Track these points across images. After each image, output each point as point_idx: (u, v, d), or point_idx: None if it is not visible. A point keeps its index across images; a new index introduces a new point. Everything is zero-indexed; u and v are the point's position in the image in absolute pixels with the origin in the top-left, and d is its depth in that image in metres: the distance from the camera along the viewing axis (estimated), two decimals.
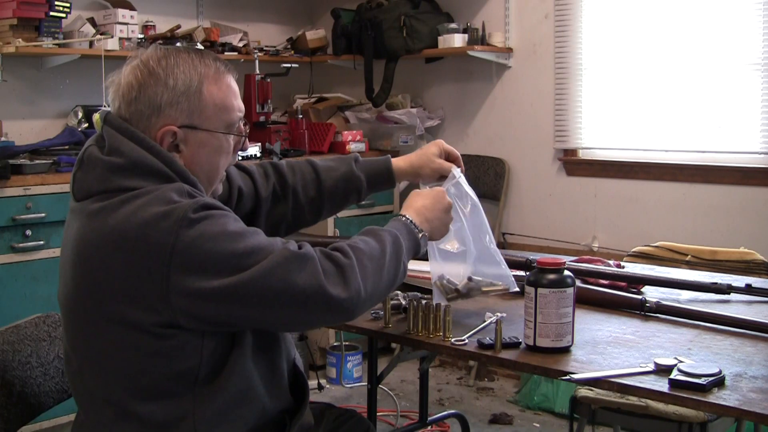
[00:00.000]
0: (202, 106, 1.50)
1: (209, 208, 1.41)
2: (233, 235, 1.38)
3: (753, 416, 1.35)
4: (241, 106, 1.58)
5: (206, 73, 1.52)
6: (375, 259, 1.48)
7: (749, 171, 3.56)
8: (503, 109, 4.34)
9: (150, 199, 1.39)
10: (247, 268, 1.37)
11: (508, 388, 3.97)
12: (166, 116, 1.48)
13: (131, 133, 1.47)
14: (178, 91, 1.48)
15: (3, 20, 3.43)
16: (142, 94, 1.48)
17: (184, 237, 1.35)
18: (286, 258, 1.39)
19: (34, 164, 3.36)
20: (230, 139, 1.56)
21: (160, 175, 1.45)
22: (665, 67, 3.78)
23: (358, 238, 1.53)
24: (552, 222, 4.16)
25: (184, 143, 1.50)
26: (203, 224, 1.37)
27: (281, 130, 4.29)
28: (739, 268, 2.58)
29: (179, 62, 1.51)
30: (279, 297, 1.38)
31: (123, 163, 1.44)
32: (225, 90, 1.54)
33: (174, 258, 1.35)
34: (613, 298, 1.94)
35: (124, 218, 1.38)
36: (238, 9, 4.68)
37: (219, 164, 1.56)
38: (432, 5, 4.46)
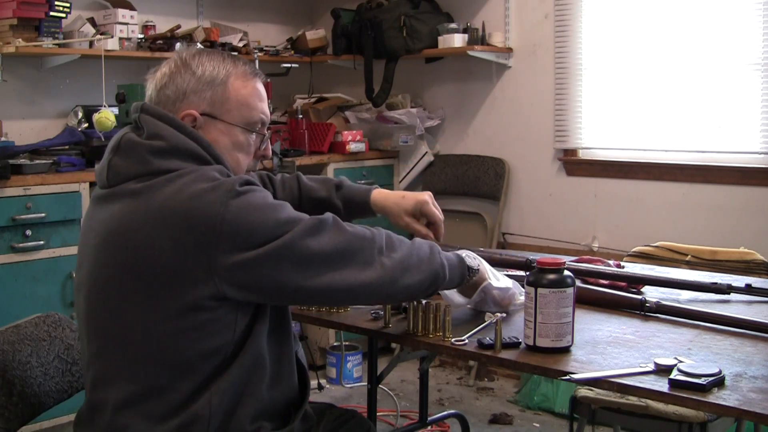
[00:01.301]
0: (224, 98, 1.56)
1: (252, 183, 1.48)
2: (275, 206, 1.46)
3: (753, 416, 1.35)
4: (265, 111, 1.63)
5: (234, 70, 1.58)
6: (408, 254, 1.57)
7: (749, 171, 3.56)
8: (503, 109, 4.34)
9: (195, 177, 1.45)
10: (287, 233, 1.44)
11: (508, 388, 3.97)
12: (189, 102, 1.55)
13: (170, 119, 1.53)
14: (203, 80, 1.56)
15: (3, 20, 3.43)
16: (172, 81, 1.57)
17: (232, 207, 1.41)
18: (315, 221, 1.48)
19: (34, 164, 3.36)
20: (250, 137, 1.60)
21: (199, 158, 1.51)
22: (665, 67, 3.78)
23: (402, 242, 1.60)
24: (552, 222, 4.16)
25: (203, 130, 1.56)
26: (249, 196, 1.44)
27: (281, 130, 4.29)
28: (739, 268, 2.58)
29: (212, 58, 1.59)
30: (315, 256, 1.46)
31: (164, 145, 1.49)
32: (250, 89, 1.59)
33: (224, 226, 1.40)
34: (613, 298, 1.94)
35: (171, 194, 1.43)
36: (238, 9, 4.68)
37: (239, 159, 1.59)
38: (432, 5, 4.46)
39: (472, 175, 4.41)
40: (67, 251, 3.31)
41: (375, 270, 1.51)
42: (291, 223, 1.45)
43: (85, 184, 3.39)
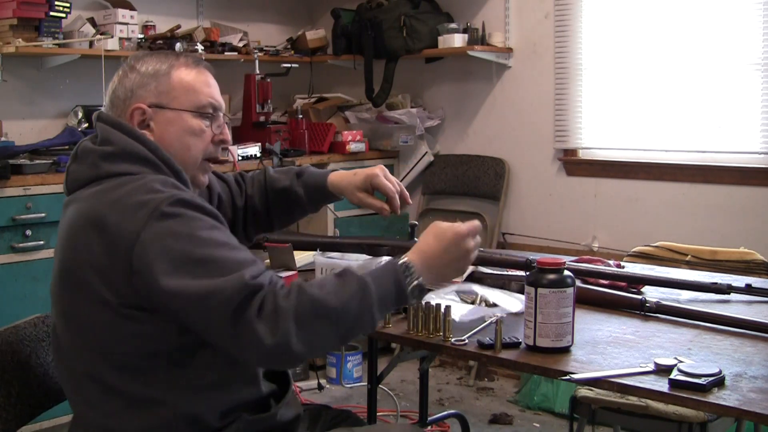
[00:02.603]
0: (170, 87, 1.59)
1: (186, 205, 1.45)
2: (196, 240, 1.41)
3: (753, 416, 1.35)
4: (214, 95, 1.63)
5: (176, 62, 1.62)
6: (324, 310, 1.41)
7: (749, 171, 3.56)
8: (503, 109, 4.34)
9: (135, 186, 1.46)
10: (196, 276, 1.39)
11: (508, 388, 3.97)
12: (137, 97, 1.58)
13: (120, 125, 1.56)
14: (147, 75, 1.59)
15: (3, 20, 3.43)
16: (120, 84, 1.61)
17: (150, 228, 1.40)
18: (234, 288, 1.38)
19: (34, 164, 3.36)
20: (201, 122, 1.60)
21: (147, 161, 1.53)
22: (665, 67, 3.78)
23: (325, 281, 1.46)
24: (552, 222, 4.16)
25: (153, 121, 1.58)
26: (173, 220, 1.41)
27: (281, 130, 4.29)
28: (739, 268, 2.58)
29: (155, 55, 1.64)
30: (214, 323, 1.40)
31: (113, 150, 1.53)
32: (194, 75, 1.61)
33: (137, 247, 1.40)
34: (613, 298, 1.94)
35: (110, 203, 1.46)
36: (238, 9, 4.68)
37: (190, 145, 1.60)
38: (432, 5, 4.46)
39: (472, 175, 4.41)
40: None
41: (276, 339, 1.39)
42: (207, 266, 1.39)
43: None
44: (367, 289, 1.45)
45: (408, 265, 1.52)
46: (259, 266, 1.43)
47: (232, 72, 4.40)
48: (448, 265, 1.59)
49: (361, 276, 1.46)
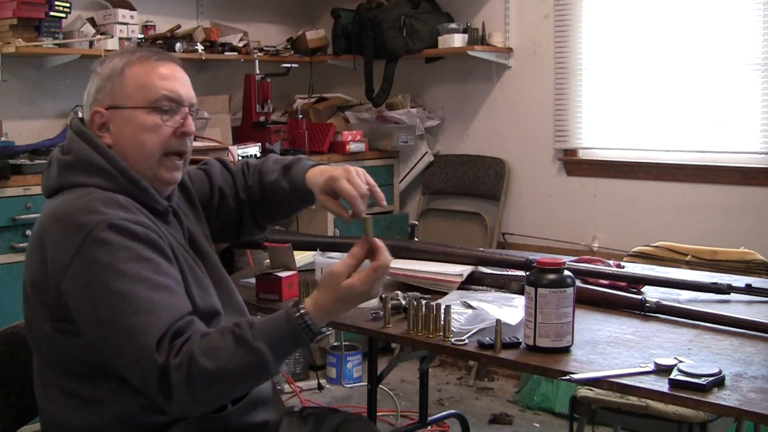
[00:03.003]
0: (123, 86, 1.58)
1: (118, 230, 1.44)
2: (116, 272, 1.42)
3: (753, 416, 1.35)
4: (170, 87, 1.59)
5: (131, 59, 1.60)
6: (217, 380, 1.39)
7: (749, 171, 3.56)
8: (503, 109, 4.34)
9: (80, 205, 1.48)
10: (107, 312, 1.41)
11: (508, 388, 3.97)
12: (97, 101, 1.60)
13: (83, 134, 1.58)
14: (104, 77, 1.60)
15: (3, 20, 3.42)
16: (87, 91, 1.63)
17: (78, 258, 1.43)
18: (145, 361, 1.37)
19: (34, 164, 3.35)
20: (156, 117, 1.57)
21: (102, 171, 1.54)
22: (665, 67, 3.77)
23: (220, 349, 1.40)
24: (552, 222, 4.16)
25: (111, 123, 1.58)
26: (100, 247, 1.43)
27: (281, 130, 4.28)
28: (739, 268, 2.58)
29: (114, 56, 1.63)
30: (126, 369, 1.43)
31: (72, 160, 1.56)
32: (147, 70, 1.59)
33: (65, 277, 1.44)
34: (613, 298, 1.95)
35: (56, 219, 1.49)
36: (238, 9, 4.68)
37: (145, 141, 1.57)
38: (432, 5, 4.46)
39: (472, 175, 4.41)
40: None
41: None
42: (119, 302, 1.40)
43: None
44: (264, 360, 1.41)
45: (305, 317, 1.45)
46: (168, 314, 1.41)
47: (232, 72, 4.40)
48: (345, 309, 1.51)
49: (255, 346, 1.40)
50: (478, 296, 1.96)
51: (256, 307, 2.08)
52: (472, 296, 1.96)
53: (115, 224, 1.44)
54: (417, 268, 2.13)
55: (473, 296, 1.96)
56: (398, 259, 2.21)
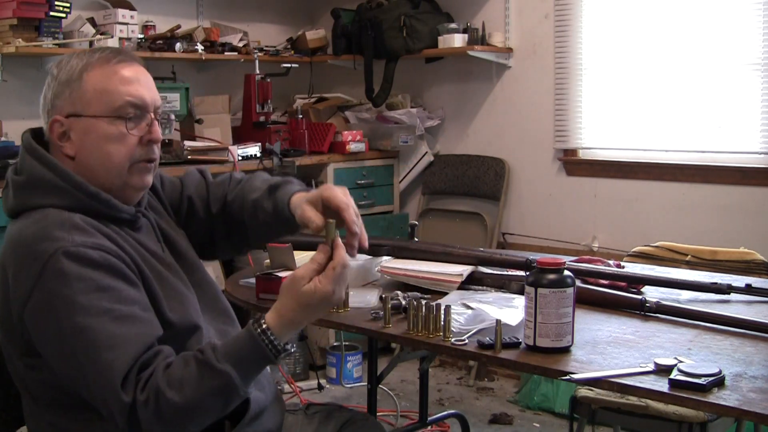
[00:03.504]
0: (82, 92, 1.49)
1: (75, 258, 1.38)
2: (75, 307, 1.36)
3: (753, 416, 1.35)
4: (134, 92, 1.50)
5: (90, 61, 1.51)
6: (188, 411, 1.35)
7: (749, 171, 3.56)
8: (503, 109, 4.34)
9: (35, 231, 1.41)
10: (67, 348, 1.36)
11: (508, 388, 3.97)
12: (56, 109, 1.51)
13: (33, 150, 1.51)
14: (62, 82, 1.50)
15: (3, 20, 3.42)
16: (43, 95, 1.54)
17: (36, 292, 1.37)
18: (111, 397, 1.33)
19: None
20: (120, 126, 1.49)
21: (57, 190, 1.47)
22: (665, 67, 3.77)
23: (184, 378, 1.36)
24: (552, 222, 4.16)
25: (72, 132, 1.50)
26: (58, 280, 1.37)
27: (281, 130, 4.28)
28: (739, 268, 2.58)
29: (72, 58, 1.52)
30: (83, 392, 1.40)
31: (24, 180, 1.50)
32: (108, 75, 1.49)
33: (25, 312, 1.39)
34: (613, 298, 1.95)
35: (13, 248, 1.44)
36: (238, 9, 4.68)
37: (110, 152, 1.49)
38: (432, 5, 4.46)
39: (472, 175, 4.41)
40: None
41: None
42: (75, 338, 1.35)
43: None
44: (231, 381, 1.36)
45: (267, 332, 1.39)
46: (132, 348, 1.36)
47: (232, 72, 4.40)
48: (311, 317, 1.44)
49: (221, 369, 1.35)
50: (478, 297, 1.96)
51: (255, 307, 2.08)
52: (472, 297, 1.96)
53: (70, 252, 1.37)
54: (417, 268, 2.13)
55: (473, 297, 1.96)
56: (398, 259, 2.21)
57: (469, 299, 1.93)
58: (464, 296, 1.97)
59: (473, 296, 1.97)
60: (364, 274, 2.21)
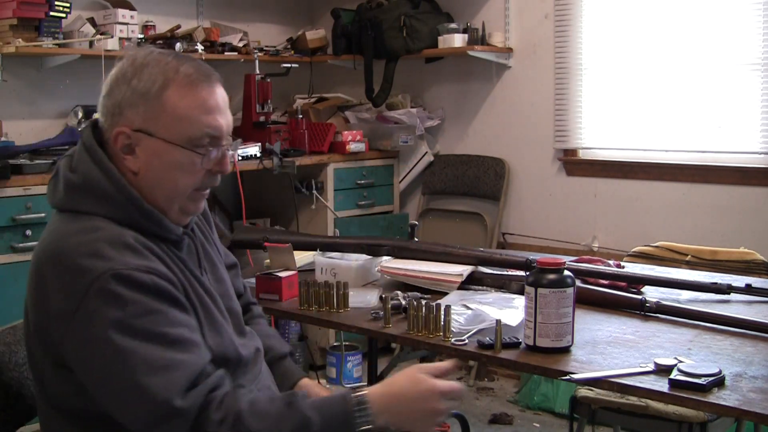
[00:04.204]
0: (159, 112, 1.40)
1: (126, 282, 1.31)
2: (127, 329, 1.30)
3: (753, 416, 1.35)
4: (214, 123, 1.43)
5: (174, 77, 1.41)
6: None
7: (749, 171, 3.56)
8: (503, 109, 4.34)
9: (85, 242, 1.35)
10: (117, 372, 1.29)
11: (508, 388, 3.97)
12: (124, 117, 1.42)
13: (93, 153, 1.43)
14: (138, 93, 1.41)
15: (3, 20, 3.42)
16: (111, 92, 1.44)
17: (86, 306, 1.31)
18: (153, 403, 1.28)
19: (34, 164, 3.36)
20: (193, 156, 1.42)
21: (111, 200, 1.40)
22: (665, 67, 3.77)
23: (268, 411, 1.33)
24: (552, 222, 4.16)
25: (139, 149, 1.42)
26: (107, 301, 1.30)
27: (281, 130, 4.28)
28: (739, 268, 2.58)
29: (152, 64, 1.42)
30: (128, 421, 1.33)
31: (78, 182, 1.42)
32: (190, 100, 1.41)
33: (71, 324, 1.32)
34: (613, 298, 1.95)
35: (57, 254, 1.36)
36: (238, 9, 4.68)
37: (177, 180, 1.43)
38: (432, 5, 4.46)
39: (472, 175, 4.41)
40: None
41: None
42: (124, 362, 1.29)
43: None
44: (310, 428, 1.32)
45: (363, 402, 1.35)
46: (191, 369, 1.32)
47: (232, 72, 4.40)
48: (411, 416, 1.39)
49: (305, 414, 1.33)
50: (478, 298, 1.96)
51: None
52: (472, 298, 1.96)
53: (121, 275, 1.31)
54: (417, 268, 2.13)
55: (473, 298, 1.96)
56: (398, 259, 2.21)
57: (469, 300, 1.93)
58: (464, 296, 1.97)
59: (473, 297, 1.97)
60: (364, 274, 2.21)
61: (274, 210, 4.39)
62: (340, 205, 4.30)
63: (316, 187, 4.22)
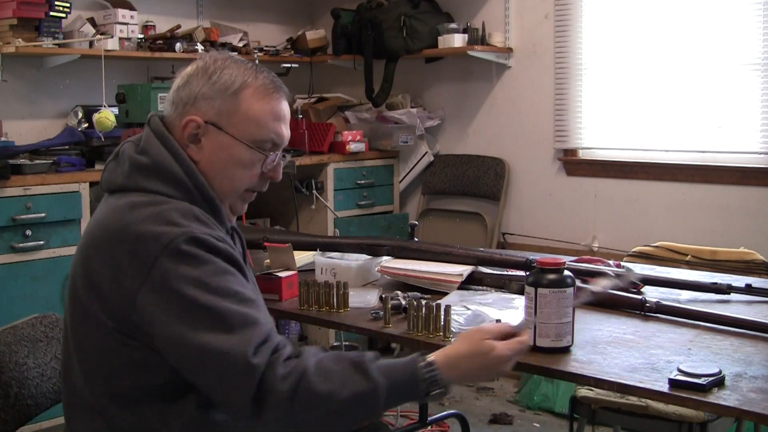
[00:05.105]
0: (233, 110, 1.50)
1: (199, 244, 1.38)
2: (204, 286, 1.35)
3: (753, 416, 1.35)
4: (279, 131, 1.53)
5: (252, 82, 1.51)
6: (323, 403, 1.33)
7: (749, 171, 3.56)
8: (503, 109, 4.34)
9: (154, 213, 1.40)
10: (197, 328, 1.33)
11: (508, 388, 3.97)
12: (198, 107, 1.50)
13: (164, 137, 1.50)
14: (216, 88, 1.50)
15: (3, 20, 3.42)
16: (188, 83, 1.52)
17: (160, 265, 1.35)
18: (239, 370, 1.31)
19: (34, 164, 3.36)
20: (254, 156, 1.52)
21: (178, 183, 1.47)
22: (665, 67, 3.77)
23: (333, 371, 1.35)
24: (552, 222, 4.16)
25: (205, 139, 1.50)
26: (183, 262, 1.36)
27: None
28: (739, 268, 2.58)
29: (233, 66, 1.52)
30: (215, 385, 1.35)
31: (148, 163, 1.47)
32: (264, 105, 1.51)
33: (143, 288, 1.36)
34: (613, 298, 1.94)
35: (127, 224, 1.40)
36: (238, 9, 4.68)
37: (235, 176, 1.52)
38: (432, 5, 4.46)
39: (472, 175, 4.41)
40: (67, 251, 3.30)
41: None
42: (210, 318, 1.34)
43: (85, 184, 3.39)
44: (377, 394, 1.35)
45: (431, 366, 1.39)
46: (263, 327, 1.36)
47: None
48: (476, 375, 1.49)
49: (372, 376, 1.35)
50: (478, 299, 1.96)
51: None
52: (472, 298, 1.96)
53: (195, 237, 1.38)
54: (417, 268, 2.13)
55: (473, 298, 1.96)
56: (398, 259, 2.21)
57: (469, 301, 1.92)
58: (464, 296, 1.97)
59: (473, 297, 1.97)
60: (364, 274, 2.20)
61: (274, 210, 4.39)
62: (340, 205, 4.30)
63: (316, 187, 4.22)
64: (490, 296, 1.99)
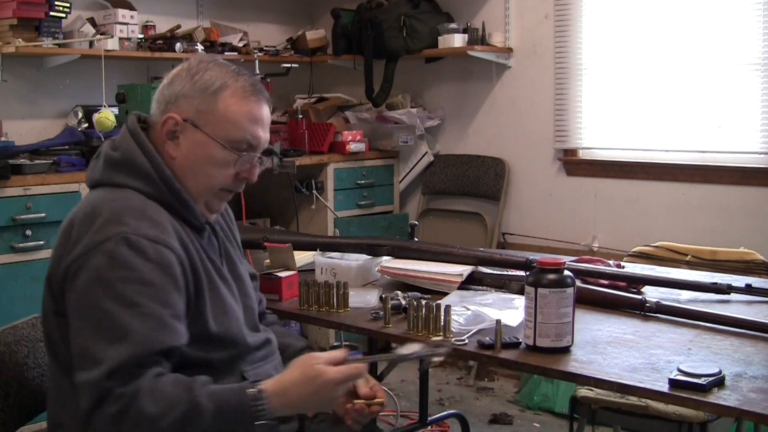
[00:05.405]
0: (211, 109, 1.53)
1: (130, 245, 1.41)
2: (111, 289, 1.39)
3: (753, 416, 1.35)
4: (256, 133, 1.56)
5: (232, 84, 1.55)
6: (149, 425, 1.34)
7: (749, 171, 3.56)
8: (503, 109, 4.34)
9: (111, 209, 1.46)
10: (84, 325, 1.39)
11: (508, 388, 3.97)
12: (178, 105, 1.54)
13: (135, 134, 1.55)
14: (197, 87, 1.54)
15: (3, 20, 3.42)
16: (171, 83, 1.57)
17: (88, 263, 1.41)
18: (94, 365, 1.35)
19: (34, 164, 3.36)
20: (229, 156, 1.55)
21: (145, 175, 1.52)
22: (665, 67, 3.77)
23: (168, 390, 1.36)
24: (552, 222, 4.16)
25: (182, 136, 1.54)
26: (107, 259, 1.40)
27: (281, 130, 4.28)
28: (739, 268, 2.58)
29: (215, 68, 1.56)
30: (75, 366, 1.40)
31: (118, 158, 1.54)
32: (242, 108, 1.54)
33: (69, 270, 1.43)
34: (613, 298, 1.94)
35: (85, 215, 1.48)
36: (238, 9, 4.68)
37: (210, 174, 1.55)
38: (432, 5, 4.46)
39: (472, 175, 4.41)
40: None
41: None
42: (103, 323, 1.37)
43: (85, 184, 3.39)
44: (201, 417, 1.35)
45: (259, 395, 1.39)
46: (138, 347, 1.36)
47: None
48: (307, 405, 1.47)
49: (198, 401, 1.36)
50: (478, 299, 1.96)
51: None
52: (472, 298, 1.96)
53: (129, 239, 1.41)
54: (417, 268, 2.13)
55: (473, 299, 1.96)
56: (398, 259, 2.21)
57: (469, 301, 1.92)
58: (464, 296, 1.97)
59: (473, 297, 1.97)
60: (364, 274, 2.21)
61: (274, 210, 4.39)
62: (340, 205, 4.30)
63: (316, 187, 4.22)
64: (490, 296, 1.99)
